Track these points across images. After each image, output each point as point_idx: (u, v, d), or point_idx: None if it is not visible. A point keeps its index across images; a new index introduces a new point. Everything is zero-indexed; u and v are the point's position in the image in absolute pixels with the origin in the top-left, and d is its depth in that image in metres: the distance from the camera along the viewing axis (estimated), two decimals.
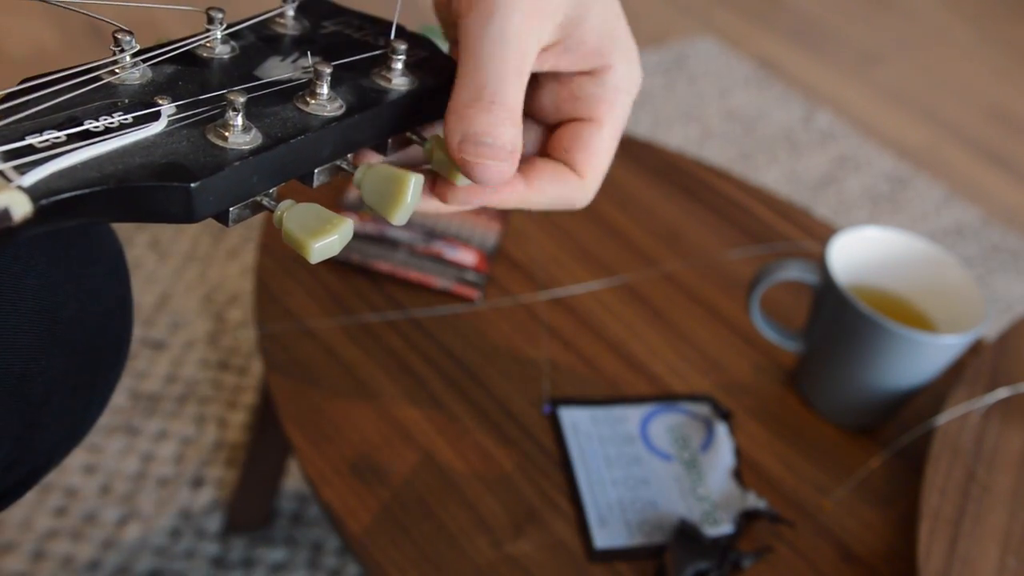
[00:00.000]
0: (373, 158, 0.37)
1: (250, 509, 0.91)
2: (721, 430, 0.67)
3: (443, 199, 0.37)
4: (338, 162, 0.34)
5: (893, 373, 0.65)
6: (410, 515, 0.58)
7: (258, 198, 0.32)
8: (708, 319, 0.76)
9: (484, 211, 0.80)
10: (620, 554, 0.58)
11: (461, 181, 0.36)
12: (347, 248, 0.74)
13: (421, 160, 0.38)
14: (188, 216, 0.30)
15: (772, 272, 0.67)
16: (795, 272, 0.67)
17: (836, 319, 0.66)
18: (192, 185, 0.29)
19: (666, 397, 0.69)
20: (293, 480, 0.95)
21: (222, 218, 0.31)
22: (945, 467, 0.61)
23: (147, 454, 0.96)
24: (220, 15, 0.35)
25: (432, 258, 0.74)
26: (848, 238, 0.69)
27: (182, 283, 1.16)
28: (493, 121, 0.34)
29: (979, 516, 0.59)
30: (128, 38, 0.32)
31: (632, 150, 0.93)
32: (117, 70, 0.32)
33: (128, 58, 0.32)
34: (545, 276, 0.77)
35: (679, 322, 0.76)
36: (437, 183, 0.37)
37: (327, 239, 0.30)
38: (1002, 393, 0.66)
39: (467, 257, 0.75)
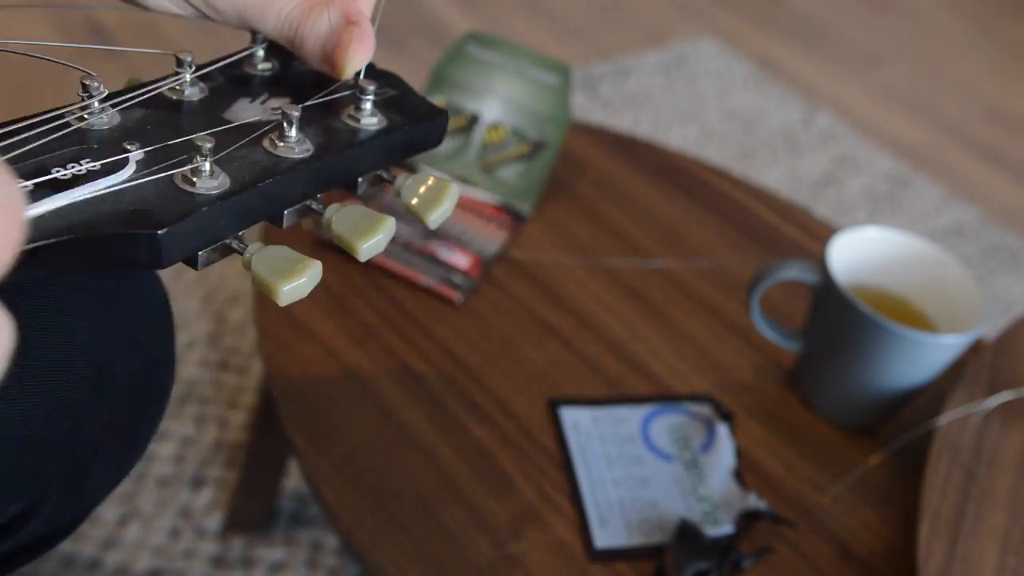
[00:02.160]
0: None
1: (250, 509, 0.91)
2: (722, 431, 0.67)
3: None
4: (308, 202, 0.34)
5: (893, 373, 0.65)
6: (410, 515, 0.58)
7: (227, 241, 0.32)
8: (708, 319, 0.76)
9: (495, 219, 0.80)
10: (620, 554, 0.58)
11: (431, 220, 0.36)
12: None
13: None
14: (156, 262, 0.30)
15: (772, 272, 0.67)
16: (795, 272, 0.67)
17: (836, 319, 0.66)
18: (159, 232, 0.29)
19: (667, 397, 0.69)
20: (293, 480, 0.95)
21: (191, 262, 0.31)
22: (945, 467, 0.61)
23: (147, 454, 0.96)
24: (189, 58, 0.35)
25: (425, 255, 0.74)
26: (848, 238, 0.69)
27: (182, 283, 1.16)
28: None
29: (979, 516, 0.59)
30: (96, 83, 0.32)
31: (632, 150, 0.93)
32: (86, 115, 0.32)
33: (97, 103, 0.32)
34: (546, 277, 0.77)
35: (679, 322, 0.76)
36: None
37: (296, 282, 0.30)
38: (1005, 396, 0.66)
39: (460, 260, 0.75)
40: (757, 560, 0.59)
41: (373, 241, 0.33)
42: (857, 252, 0.69)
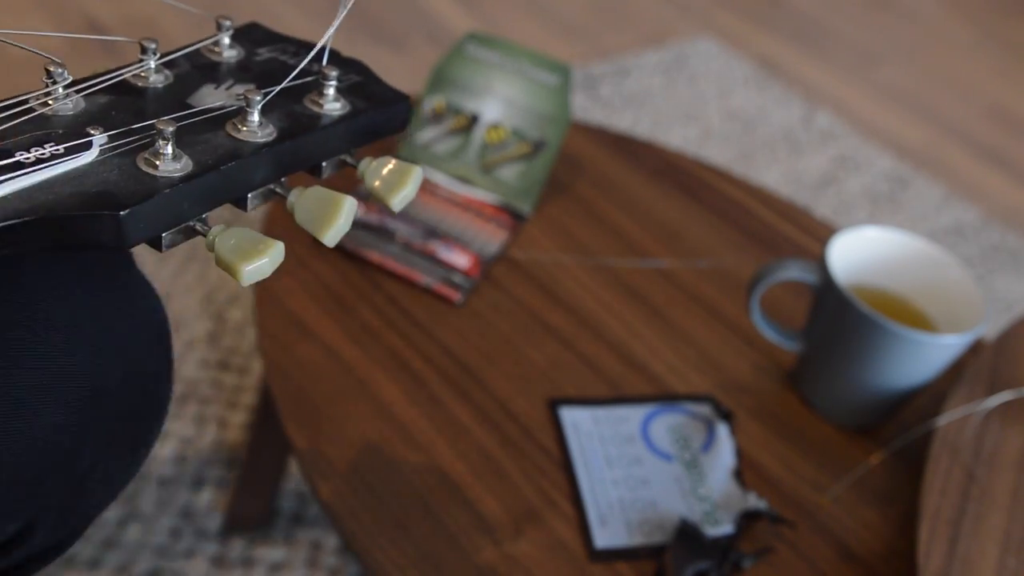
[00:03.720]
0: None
1: (250, 509, 0.91)
2: (722, 430, 0.67)
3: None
4: (272, 186, 0.35)
5: (893, 373, 0.65)
6: (410, 515, 0.58)
7: (191, 223, 0.32)
8: (708, 319, 0.76)
9: (495, 219, 0.80)
10: (620, 554, 0.58)
11: (394, 203, 0.36)
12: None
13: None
14: (119, 242, 0.30)
15: (772, 272, 0.67)
16: (795, 272, 0.67)
17: (836, 319, 0.66)
18: (121, 213, 0.29)
19: (667, 397, 0.69)
20: (293, 480, 0.95)
21: (155, 244, 0.32)
22: (945, 467, 0.61)
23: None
24: (153, 45, 0.36)
25: (424, 255, 0.74)
26: (848, 238, 0.69)
27: (182, 283, 1.16)
28: None
29: (979, 516, 0.59)
30: (60, 70, 0.33)
31: (632, 150, 0.93)
32: (50, 101, 0.33)
33: (61, 89, 0.33)
34: (546, 276, 0.77)
35: (679, 322, 0.76)
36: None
37: (258, 262, 0.31)
38: (1004, 396, 0.66)
39: (460, 259, 0.75)
40: (757, 560, 0.59)
41: (335, 227, 0.33)
42: (857, 252, 0.69)
